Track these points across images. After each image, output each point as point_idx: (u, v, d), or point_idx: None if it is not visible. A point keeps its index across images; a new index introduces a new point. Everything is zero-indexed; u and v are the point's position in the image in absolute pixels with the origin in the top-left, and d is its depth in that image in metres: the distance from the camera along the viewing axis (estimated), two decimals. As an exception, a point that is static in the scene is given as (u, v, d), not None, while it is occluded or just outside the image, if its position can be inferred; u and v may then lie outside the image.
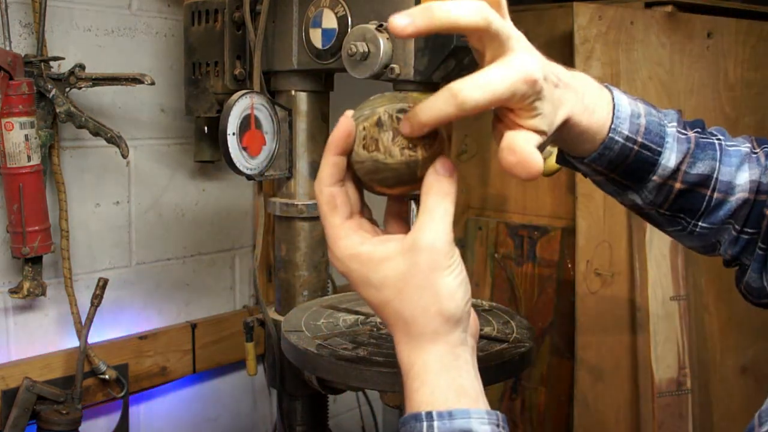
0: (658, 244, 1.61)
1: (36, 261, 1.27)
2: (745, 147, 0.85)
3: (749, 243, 0.85)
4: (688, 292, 1.62)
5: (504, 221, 1.83)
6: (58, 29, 1.31)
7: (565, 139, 0.75)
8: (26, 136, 1.20)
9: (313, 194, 1.27)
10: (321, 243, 1.29)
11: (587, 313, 1.65)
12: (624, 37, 1.64)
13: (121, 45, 1.40)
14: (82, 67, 1.25)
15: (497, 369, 0.96)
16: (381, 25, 1.05)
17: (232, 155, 1.14)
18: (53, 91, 1.24)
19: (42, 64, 1.23)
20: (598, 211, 1.65)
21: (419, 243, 0.64)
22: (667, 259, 1.62)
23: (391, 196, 0.72)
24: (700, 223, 0.84)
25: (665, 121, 0.81)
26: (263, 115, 1.18)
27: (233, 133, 1.14)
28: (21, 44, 1.25)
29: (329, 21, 1.13)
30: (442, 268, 0.63)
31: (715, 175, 0.82)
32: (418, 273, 0.63)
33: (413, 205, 1.07)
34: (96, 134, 1.26)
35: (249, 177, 1.18)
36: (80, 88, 1.26)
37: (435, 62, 1.03)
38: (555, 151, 1.14)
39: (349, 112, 0.68)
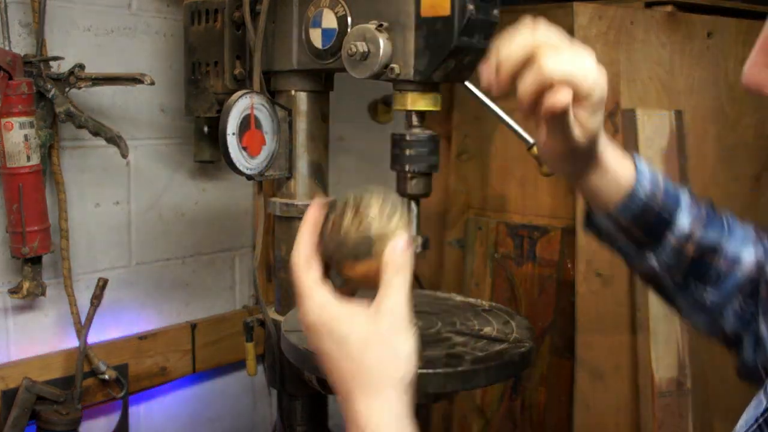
0: (658, 244, 1.61)
1: (36, 261, 1.27)
2: (749, 230, 0.92)
3: (752, 317, 0.89)
4: (688, 292, 1.62)
5: (504, 221, 1.83)
6: (58, 29, 1.31)
7: (597, 184, 0.85)
8: (26, 136, 1.20)
9: (312, 194, 1.27)
10: (321, 243, 1.29)
11: (587, 313, 1.65)
12: (624, 37, 1.64)
13: (121, 45, 1.40)
14: (81, 67, 1.25)
15: (497, 369, 0.96)
16: (381, 25, 1.05)
17: (232, 155, 1.14)
18: (53, 91, 1.24)
19: (41, 64, 1.23)
20: (598, 211, 1.65)
21: (382, 308, 0.71)
22: (667, 259, 1.62)
23: (349, 282, 0.78)
24: (709, 289, 0.89)
25: (679, 189, 0.89)
26: (263, 115, 1.18)
27: (233, 133, 1.14)
28: (20, 44, 1.25)
29: (329, 21, 1.13)
30: (401, 332, 0.71)
31: (723, 246, 0.88)
32: (381, 334, 0.70)
33: (413, 206, 1.08)
34: (96, 134, 1.26)
35: (249, 177, 1.18)
36: (80, 88, 1.26)
37: (435, 62, 1.03)
38: None
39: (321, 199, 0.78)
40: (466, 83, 1.15)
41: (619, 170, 0.84)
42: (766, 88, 0.61)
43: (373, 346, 0.70)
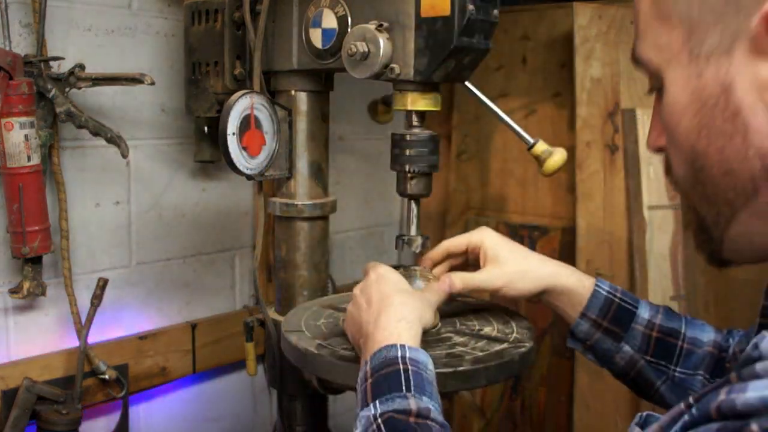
0: (658, 244, 1.61)
1: (36, 261, 1.27)
2: (707, 324, 1.08)
3: None
4: (688, 292, 1.62)
5: (504, 221, 1.83)
6: (58, 29, 1.31)
7: (558, 304, 1.09)
8: (26, 136, 1.20)
9: (312, 194, 1.27)
10: (321, 243, 1.29)
11: (587, 313, 1.65)
12: (624, 37, 1.64)
13: (121, 45, 1.40)
14: (82, 67, 1.25)
15: (497, 369, 0.96)
16: (381, 25, 1.05)
17: (232, 155, 1.14)
18: (53, 91, 1.24)
19: (42, 64, 1.23)
20: (598, 211, 1.65)
21: (423, 293, 1.03)
22: (667, 259, 1.61)
23: None
24: (678, 369, 1.05)
25: (638, 298, 1.09)
26: (263, 115, 1.18)
27: (233, 133, 1.14)
28: (21, 44, 1.25)
29: (329, 21, 1.13)
30: (432, 305, 1.00)
31: (683, 332, 1.05)
32: (422, 295, 1.00)
33: (413, 206, 1.09)
34: (96, 134, 1.26)
35: (249, 177, 1.18)
36: (80, 88, 1.26)
37: (435, 62, 1.03)
38: (555, 151, 1.15)
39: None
40: (466, 83, 1.15)
41: (574, 282, 1.08)
42: (657, 146, 0.74)
43: (414, 296, 0.96)
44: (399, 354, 0.82)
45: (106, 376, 1.36)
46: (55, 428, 1.27)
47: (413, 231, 1.14)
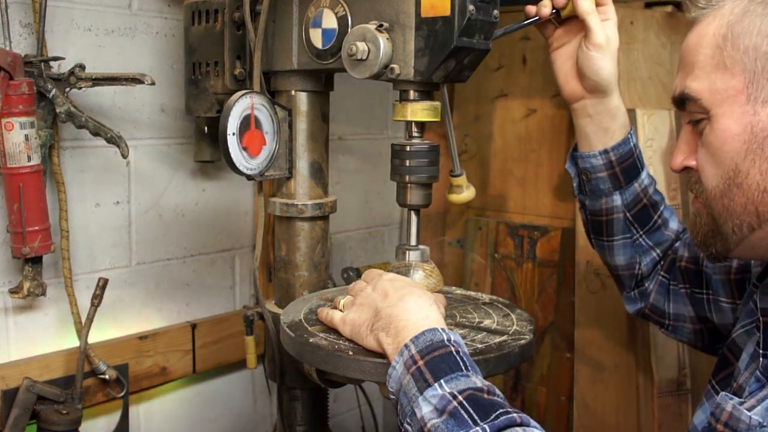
0: (658, 244, 1.61)
1: (36, 261, 1.27)
2: (676, 216, 1.25)
3: (659, 270, 1.22)
4: (688, 292, 1.62)
5: (504, 221, 1.83)
6: (58, 29, 1.31)
7: (609, 124, 1.15)
8: (26, 136, 1.20)
9: (312, 194, 1.27)
10: (321, 243, 1.29)
11: (587, 314, 1.65)
12: (624, 37, 1.64)
13: (121, 45, 1.40)
14: (82, 67, 1.25)
15: (497, 361, 0.96)
16: (381, 25, 1.05)
17: (232, 155, 1.14)
18: (53, 91, 1.24)
19: (42, 64, 1.23)
20: (598, 211, 1.65)
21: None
22: (667, 259, 1.62)
23: None
24: (644, 236, 1.21)
25: (643, 164, 1.21)
26: (263, 115, 1.18)
27: (233, 133, 1.14)
28: (21, 44, 1.25)
29: (329, 21, 1.13)
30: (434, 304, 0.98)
31: (661, 208, 1.22)
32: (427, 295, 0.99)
33: (413, 216, 1.08)
34: (96, 134, 1.27)
35: (249, 177, 1.18)
36: (80, 88, 1.26)
37: (435, 62, 1.03)
38: (469, 190, 1.23)
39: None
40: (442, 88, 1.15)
41: (624, 120, 1.15)
42: (686, 165, 0.89)
43: (421, 291, 0.99)
44: (445, 337, 0.86)
45: (106, 376, 1.36)
46: (55, 428, 1.27)
47: (413, 242, 1.13)
